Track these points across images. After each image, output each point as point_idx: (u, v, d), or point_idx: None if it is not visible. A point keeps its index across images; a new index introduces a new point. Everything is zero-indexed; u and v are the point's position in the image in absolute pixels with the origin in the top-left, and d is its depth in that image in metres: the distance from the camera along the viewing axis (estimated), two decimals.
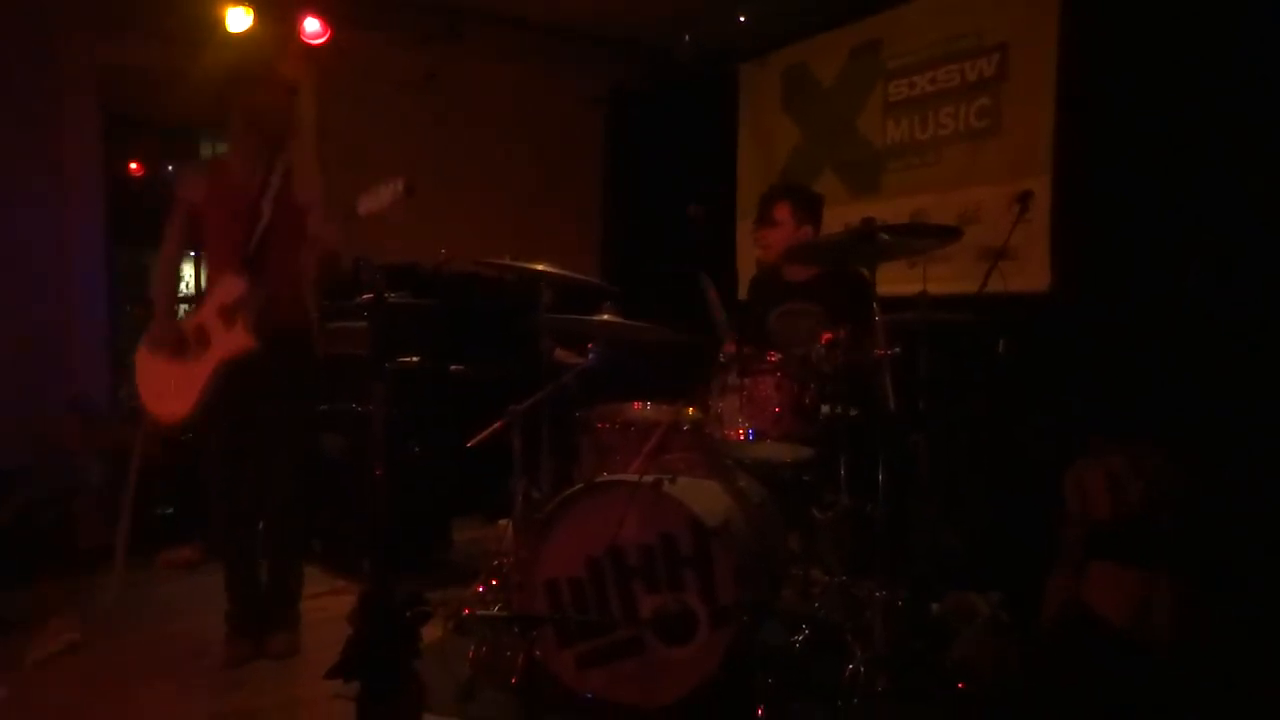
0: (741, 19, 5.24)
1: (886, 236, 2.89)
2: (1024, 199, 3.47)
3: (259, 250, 3.12)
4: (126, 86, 4.96)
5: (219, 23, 4.54)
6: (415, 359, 4.36)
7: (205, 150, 5.92)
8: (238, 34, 4.56)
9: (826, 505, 3.33)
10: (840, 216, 4.45)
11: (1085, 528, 2.99)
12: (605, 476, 2.88)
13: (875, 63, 4.89)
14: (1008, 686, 2.83)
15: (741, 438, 3.16)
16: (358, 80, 5.31)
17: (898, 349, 2.92)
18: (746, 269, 5.40)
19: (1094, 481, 2.98)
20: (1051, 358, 3.73)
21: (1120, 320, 3.56)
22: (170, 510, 4.13)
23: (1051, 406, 3.68)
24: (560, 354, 3.50)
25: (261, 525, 3.39)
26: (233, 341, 3.11)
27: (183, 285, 5.68)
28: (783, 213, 3.86)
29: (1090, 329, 3.68)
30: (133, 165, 5.48)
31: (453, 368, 4.63)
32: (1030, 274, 4.03)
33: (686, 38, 5.47)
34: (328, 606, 3.71)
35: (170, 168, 5.73)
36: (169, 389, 3.21)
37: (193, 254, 5.44)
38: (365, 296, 3.38)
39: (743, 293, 4.93)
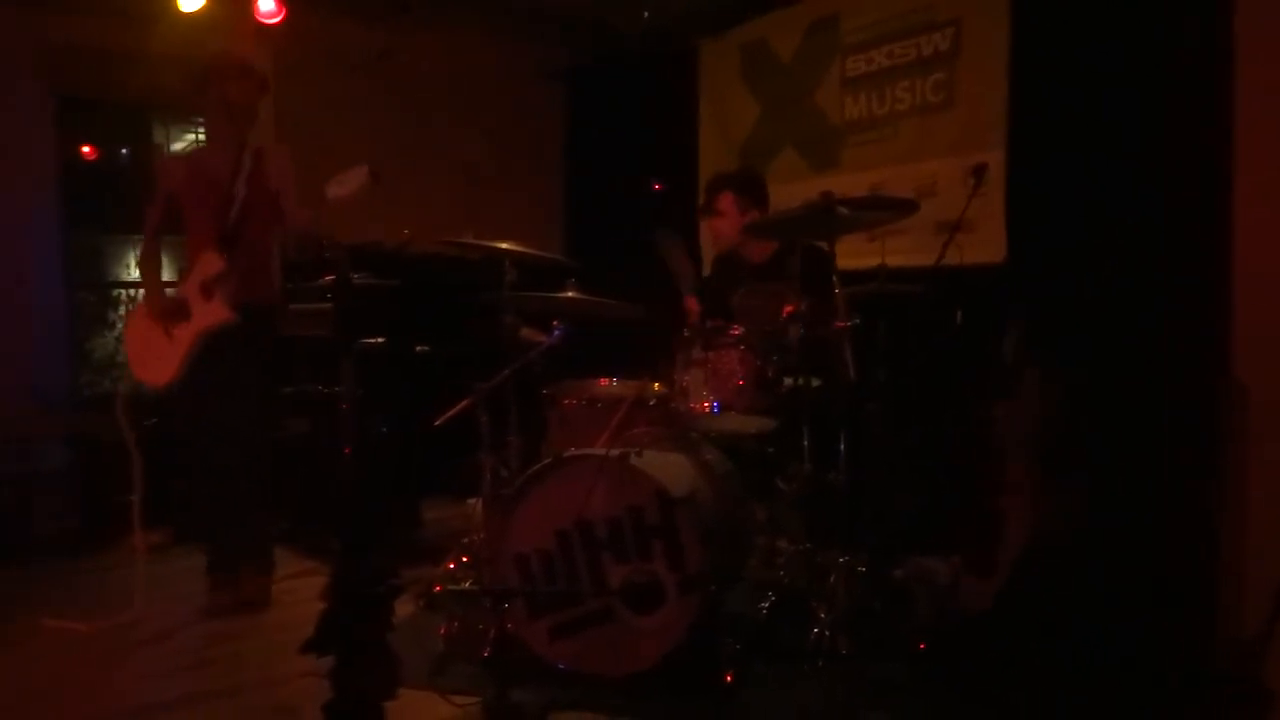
0: None
1: (845, 210, 2.94)
2: (978, 172, 3.53)
3: (235, 229, 3.40)
4: (78, 68, 4.86)
5: (172, 1, 4.47)
6: (380, 340, 4.35)
7: (159, 133, 5.82)
8: (193, 13, 4.48)
9: (790, 475, 3.40)
10: (801, 192, 4.50)
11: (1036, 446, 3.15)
12: (572, 451, 2.92)
13: (833, 38, 4.93)
14: (964, 644, 2.92)
15: (706, 410, 3.22)
16: (312, 61, 5.24)
17: (857, 320, 2.98)
18: (710, 245, 5.43)
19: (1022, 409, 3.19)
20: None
21: (1069, 291, 3.65)
22: (132, 496, 4.11)
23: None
24: (525, 332, 3.52)
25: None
26: (212, 314, 3.41)
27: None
28: (725, 203, 3.93)
29: (1042, 299, 3.77)
30: (86, 149, 5.38)
31: (418, 348, 4.62)
32: (986, 246, 4.10)
33: (645, 15, 5.47)
34: (297, 588, 3.73)
35: (125, 151, 5.63)
36: (154, 357, 3.50)
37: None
38: (329, 277, 3.42)
39: (706, 269, 4.97)
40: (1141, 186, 3.47)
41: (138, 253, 3.71)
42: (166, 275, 3.78)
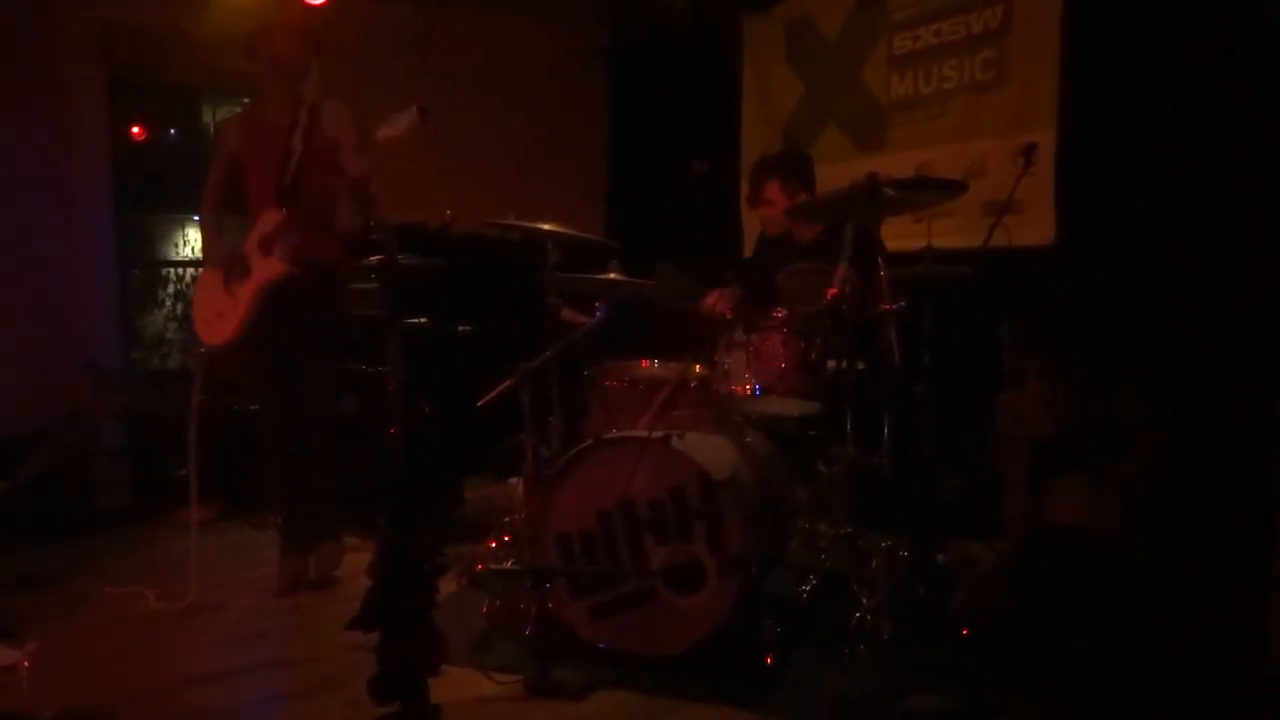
0: None
1: (891, 192, 2.90)
2: (1028, 152, 3.47)
3: (293, 183, 3.36)
4: (130, 49, 4.94)
5: None
6: (424, 319, 4.39)
7: (207, 114, 5.90)
8: None
9: (832, 458, 3.38)
10: (846, 172, 4.43)
11: (1029, 449, 3.20)
12: (614, 432, 2.93)
13: (880, 15, 4.85)
14: (1007, 630, 2.89)
15: (748, 393, 3.21)
16: (355, 42, 5.26)
17: (903, 303, 2.95)
18: (752, 225, 5.40)
19: (1029, 405, 3.20)
20: (1055, 310, 3.75)
21: (1121, 273, 3.58)
22: (186, 470, 4.22)
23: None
24: (567, 313, 3.53)
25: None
26: (270, 268, 3.38)
27: (189, 250, 5.73)
28: (772, 191, 3.90)
29: (1092, 282, 3.70)
30: (136, 129, 5.48)
31: (461, 328, 4.66)
32: (1035, 228, 4.03)
33: None
34: (344, 564, 3.77)
35: (172, 131, 5.72)
36: (216, 316, 3.50)
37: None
38: (375, 257, 3.45)
39: (749, 250, 4.94)
40: (1196, 165, 3.38)
41: (198, 218, 3.80)
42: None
